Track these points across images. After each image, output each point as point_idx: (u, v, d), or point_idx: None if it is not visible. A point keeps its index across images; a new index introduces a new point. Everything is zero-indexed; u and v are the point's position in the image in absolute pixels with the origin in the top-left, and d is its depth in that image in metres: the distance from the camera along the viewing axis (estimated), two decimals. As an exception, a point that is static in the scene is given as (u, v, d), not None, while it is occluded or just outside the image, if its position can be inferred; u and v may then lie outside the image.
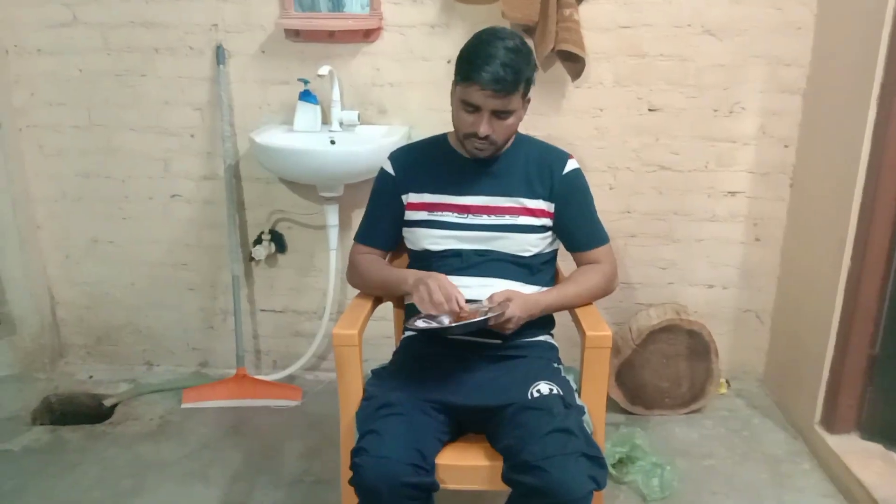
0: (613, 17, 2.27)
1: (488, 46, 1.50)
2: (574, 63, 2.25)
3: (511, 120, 1.58)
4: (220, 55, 2.38)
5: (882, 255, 1.99)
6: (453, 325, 1.46)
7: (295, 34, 2.35)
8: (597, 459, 1.38)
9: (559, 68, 2.29)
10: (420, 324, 1.50)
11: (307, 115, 2.35)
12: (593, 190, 1.75)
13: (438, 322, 1.49)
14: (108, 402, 2.54)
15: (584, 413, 1.51)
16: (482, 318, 1.44)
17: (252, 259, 2.57)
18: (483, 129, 1.54)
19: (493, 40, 1.51)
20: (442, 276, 1.56)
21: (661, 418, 2.42)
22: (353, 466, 1.38)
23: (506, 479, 1.41)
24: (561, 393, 1.50)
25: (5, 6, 2.41)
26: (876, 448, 2.09)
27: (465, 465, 1.51)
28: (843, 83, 2.09)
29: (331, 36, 2.34)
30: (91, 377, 2.73)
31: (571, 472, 1.33)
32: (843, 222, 2.05)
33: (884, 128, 1.92)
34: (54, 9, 2.40)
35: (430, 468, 1.42)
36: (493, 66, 1.48)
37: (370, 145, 2.22)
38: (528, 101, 1.61)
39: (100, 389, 2.63)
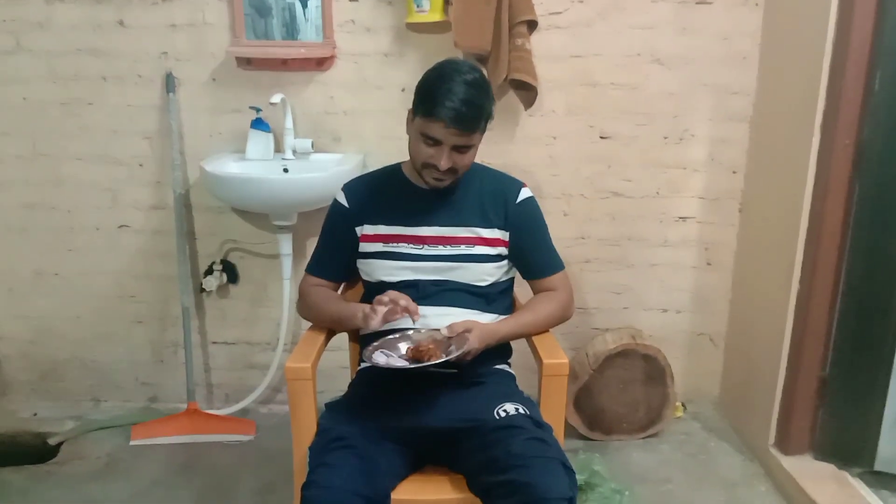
0: (565, 46, 2.31)
1: (450, 81, 1.50)
2: (527, 91, 2.27)
3: (471, 152, 1.58)
4: (169, 83, 2.34)
5: (829, 278, 2.04)
6: (412, 367, 1.44)
7: (247, 62, 2.34)
8: (572, 474, 1.37)
9: (512, 97, 2.31)
10: (378, 360, 1.48)
11: (259, 143, 2.33)
12: (548, 217, 1.76)
13: (396, 362, 1.48)
14: (52, 441, 2.44)
15: (553, 431, 1.50)
16: (443, 359, 1.44)
17: (203, 290, 2.51)
18: (444, 163, 1.54)
19: (454, 75, 1.51)
20: (391, 291, 1.55)
21: (619, 443, 2.43)
22: (302, 500, 1.34)
23: (481, 485, 1.38)
24: (528, 413, 1.49)
25: (-55, 33, 2.34)
26: (828, 468, 2.12)
27: (424, 498, 1.48)
28: (788, 111, 2.15)
29: (283, 64, 2.32)
30: (35, 414, 2.63)
31: (553, 473, 1.32)
32: (791, 246, 2.10)
33: (828, 154, 1.97)
34: (-3, 36, 2.35)
35: (382, 500, 1.40)
36: (457, 104, 1.48)
37: (324, 173, 2.20)
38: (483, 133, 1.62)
39: (44, 427, 2.52)
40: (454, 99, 1.48)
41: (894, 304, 1.97)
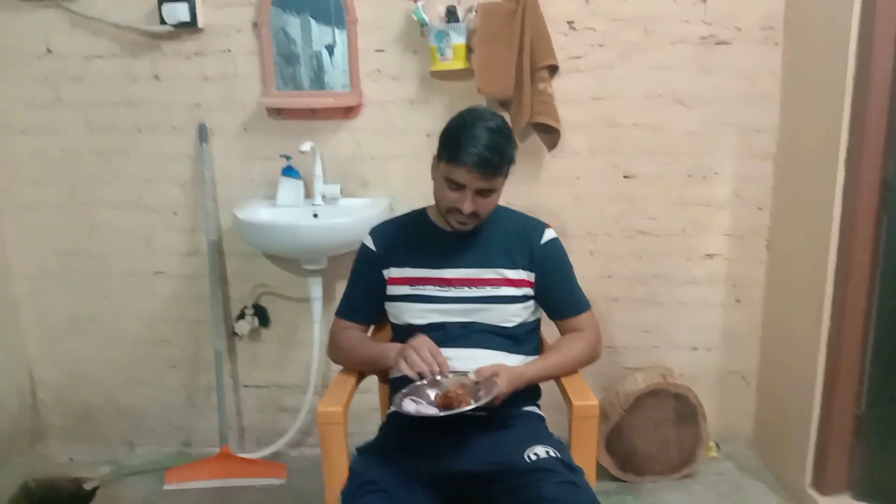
0: (586, 89, 2.34)
1: (472, 128, 1.54)
2: (550, 133, 2.31)
3: (494, 196, 1.61)
4: (202, 133, 2.42)
5: (860, 314, 2.02)
6: (442, 414, 1.45)
7: (277, 112, 2.40)
8: None
9: (536, 139, 2.34)
10: (408, 408, 1.50)
11: (290, 189, 2.38)
12: (573, 256, 1.78)
13: (425, 410, 1.49)
14: (88, 486, 2.47)
15: (584, 475, 1.50)
16: (473, 405, 1.44)
17: (235, 334, 2.55)
18: (467, 207, 1.57)
19: (477, 121, 1.56)
20: (423, 336, 1.57)
21: (652, 485, 2.39)
22: (335, 545, 1.35)
23: None
24: (559, 455, 1.48)
25: (-9, 88, 2.45)
26: (868, 509, 2.08)
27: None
28: (812, 147, 2.15)
29: (312, 113, 2.39)
30: (71, 459, 2.67)
31: None
32: (821, 282, 2.08)
33: (853, 189, 1.97)
34: (39, 90, 2.44)
35: None
36: (479, 149, 1.52)
37: (353, 217, 2.24)
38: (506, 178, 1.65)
39: (80, 472, 2.55)
40: (477, 144, 1.52)
41: (929, 340, 1.95)
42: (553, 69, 2.26)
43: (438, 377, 1.55)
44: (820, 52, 2.10)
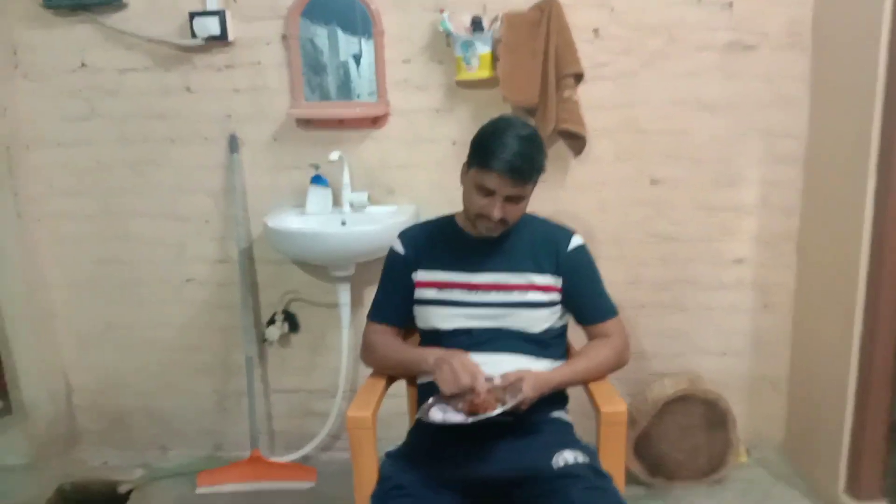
0: (611, 96, 2.35)
1: (504, 136, 1.56)
2: (575, 140, 2.32)
3: (522, 204, 1.63)
4: (233, 144, 2.46)
5: (892, 319, 2.00)
6: (468, 421, 1.47)
7: (305, 122, 2.44)
8: None
9: (562, 145, 2.35)
10: (435, 417, 1.51)
11: (318, 198, 2.41)
12: (600, 261, 1.78)
13: (452, 417, 1.50)
14: (122, 489, 2.52)
15: (612, 481, 1.50)
16: (498, 411, 1.46)
17: (265, 340, 2.59)
18: (497, 213, 1.59)
19: (508, 129, 1.58)
20: (463, 353, 1.58)
21: (682, 491, 2.38)
22: (364, 549, 1.37)
23: None
24: (587, 461, 1.49)
25: (27, 101, 2.50)
26: (903, 515, 2.05)
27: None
28: (842, 152, 2.14)
29: (340, 123, 2.42)
30: (105, 463, 2.73)
31: None
32: (852, 288, 2.07)
33: (885, 193, 1.96)
34: (74, 104, 2.50)
35: None
36: (511, 156, 1.54)
37: (380, 225, 2.27)
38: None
39: (114, 475, 2.60)
40: (508, 151, 1.54)
41: (962, 345, 1.93)
42: (578, 77, 2.27)
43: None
44: (850, 56, 2.09)
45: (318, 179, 2.41)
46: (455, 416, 1.51)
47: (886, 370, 2.04)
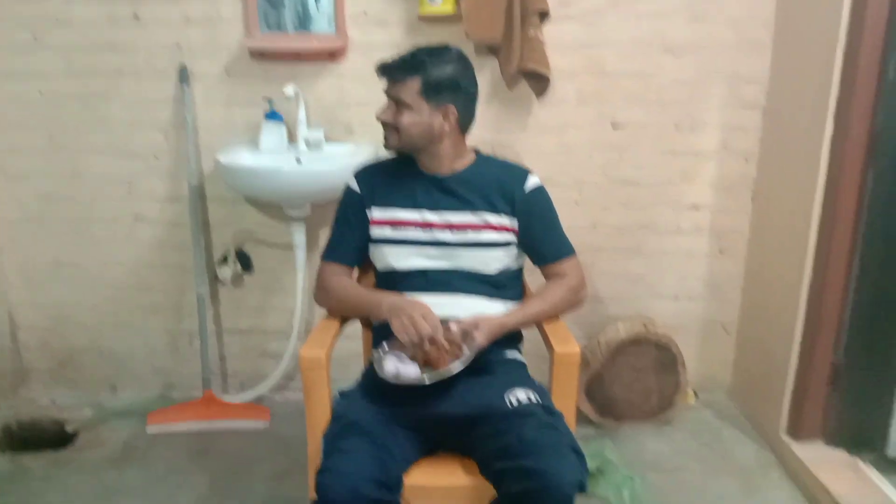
0: (576, 36, 2.31)
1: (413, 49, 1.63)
2: (538, 81, 2.27)
3: (408, 114, 1.61)
4: (182, 75, 2.36)
5: (843, 264, 2.04)
6: (427, 382, 1.46)
7: (260, 55, 2.35)
8: (583, 460, 1.38)
9: (525, 86, 2.31)
10: (390, 370, 1.50)
11: (273, 134, 2.34)
12: (560, 205, 1.76)
13: (410, 373, 1.49)
14: (71, 428, 2.49)
15: (564, 419, 1.51)
16: (458, 369, 1.46)
17: (218, 279, 2.54)
18: (378, 112, 1.64)
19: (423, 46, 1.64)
20: (421, 304, 1.56)
21: (630, 431, 2.44)
22: (316, 486, 1.37)
23: (493, 472, 1.40)
24: (540, 401, 1.50)
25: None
26: (840, 455, 2.13)
27: (437, 484, 1.50)
28: (802, 99, 2.14)
29: (296, 56, 2.34)
30: (54, 402, 2.68)
31: (565, 461, 1.33)
32: (804, 234, 2.09)
33: (841, 141, 1.97)
34: (16, 33, 2.37)
35: (395, 486, 1.42)
36: (392, 57, 1.60)
37: (337, 164, 2.22)
38: (447, 111, 1.62)
39: (62, 414, 2.57)
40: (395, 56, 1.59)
41: (907, 292, 1.97)
42: (544, 15, 2.22)
43: None
44: (814, 0, 2.07)
45: (272, 115, 2.34)
46: (410, 370, 1.50)
47: (833, 314, 2.08)
